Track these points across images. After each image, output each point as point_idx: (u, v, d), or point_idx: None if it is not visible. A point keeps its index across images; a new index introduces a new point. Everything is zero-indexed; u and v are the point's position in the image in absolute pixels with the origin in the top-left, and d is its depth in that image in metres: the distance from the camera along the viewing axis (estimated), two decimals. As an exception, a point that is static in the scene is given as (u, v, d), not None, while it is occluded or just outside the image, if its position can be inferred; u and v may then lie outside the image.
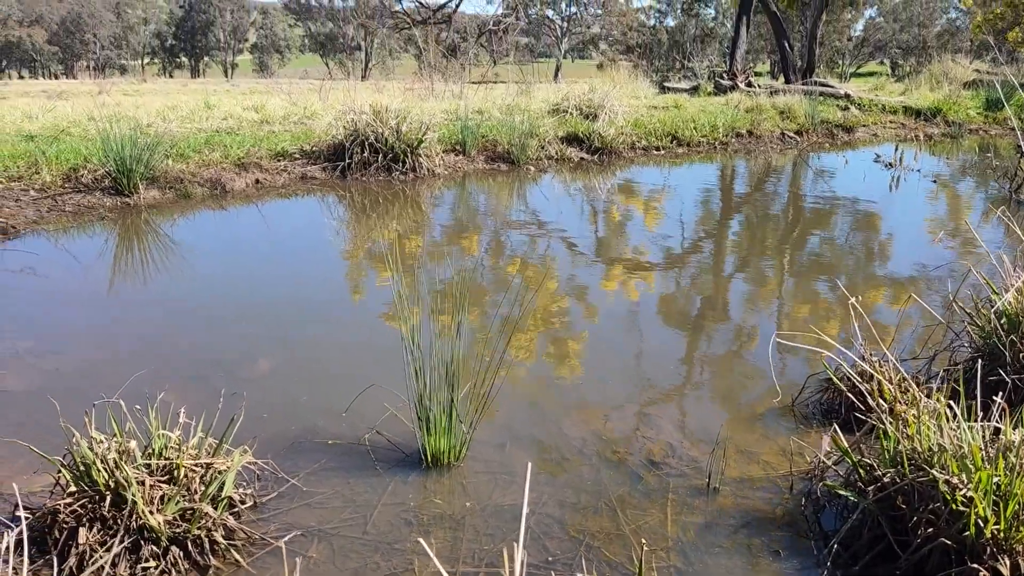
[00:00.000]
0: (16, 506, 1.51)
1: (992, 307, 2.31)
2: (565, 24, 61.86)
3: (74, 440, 1.64)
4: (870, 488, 1.68)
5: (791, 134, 8.59)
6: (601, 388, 2.52)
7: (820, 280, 3.79)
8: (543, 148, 6.89)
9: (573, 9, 60.40)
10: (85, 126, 5.75)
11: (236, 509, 1.76)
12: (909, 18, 61.89)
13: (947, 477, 1.52)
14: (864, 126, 9.27)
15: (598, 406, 2.38)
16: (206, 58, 67.37)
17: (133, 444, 1.67)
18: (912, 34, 61.35)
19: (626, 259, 4.19)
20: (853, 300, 2.30)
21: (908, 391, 1.97)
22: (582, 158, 7.02)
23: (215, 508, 1.67)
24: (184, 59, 67.25)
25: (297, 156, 5.83)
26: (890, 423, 1.74)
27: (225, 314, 3.18)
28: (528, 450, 2.11)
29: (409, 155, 5.95)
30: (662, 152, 7.56)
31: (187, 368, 2.59)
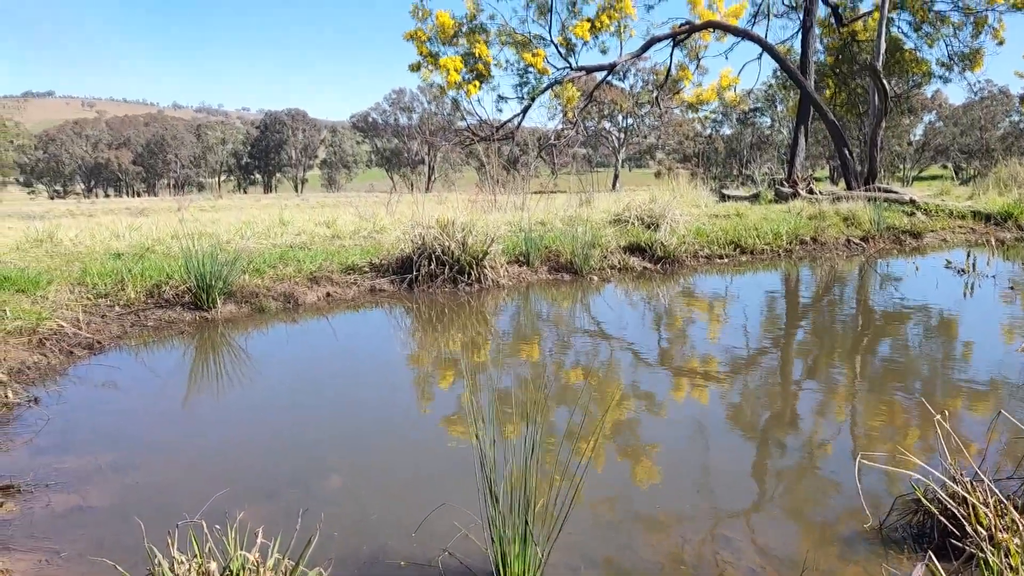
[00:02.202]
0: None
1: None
2: (622, 135, 63.41)
3: (156, 561, 1.66)
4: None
5: (857, 240, 8.52)
6: (675, 505, 2.45)
7: (896, 389, 3.67)
8: (605, 258, 6.96)
9: (630, 121, 61.99)
10: (168, 243, 6.05)
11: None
12: (970, 122, 61.66)
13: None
14: (932, 231, 9.13)
15: (673, 525, 2.31)
16: (278, 174, 70.73)
17: (213, 566, 1.68)
18: (974, 137, 60.97)
19: (693, 368, 4.14)
20: (939, 417, 2.22)
21: (1006, 515, 1.87)
22: (645, 267, 7.06)
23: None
24: (257, 175, 70.69)
25: (366, 269, 6.00)
26: (991, 552, 1.65)
27: (297, 427, 3.23)
28: (603, 575, 2.05)
29: (475, 267, 6.08)
30: (725, 260, 7.56)
31: (262, 484, 2.62)
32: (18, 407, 3.35)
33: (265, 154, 69.98)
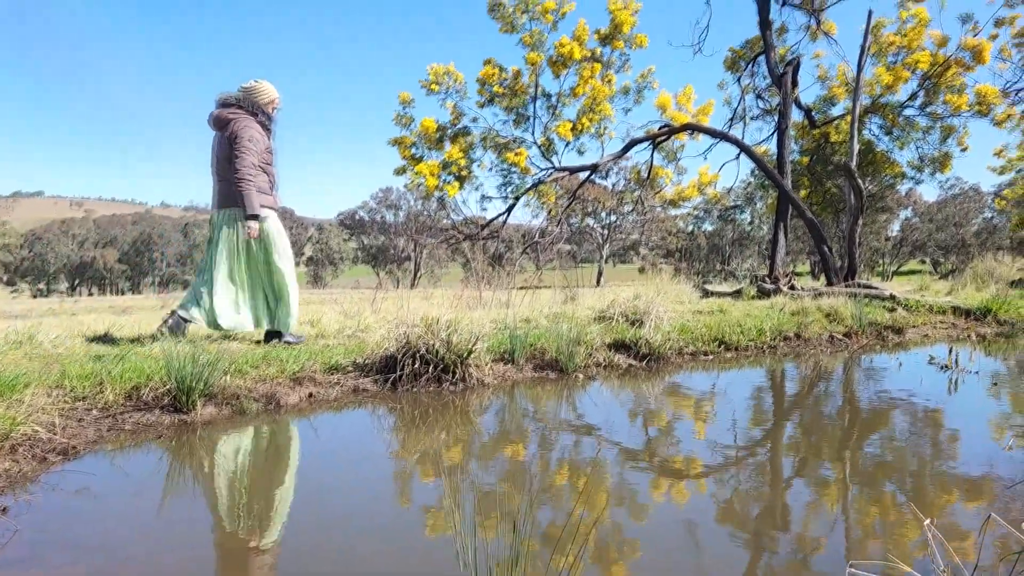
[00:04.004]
0: None
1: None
2: (606, 231, 64.53)
3: None
4: None
5: (840, 336, 8.57)
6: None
7: (886, 488, 3.62)
8: (591, 355, 6.95)
9: (613, 217, 63.23)
10: (150, 344, 5.99)
11: None
12: (945, 218, 63.33)
13: None
14: (914, 327, 9.22)
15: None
16: (265, 271, 71.04)
17: None
18: (949, 233, 62.54)
19: (681, 468, 4.07)
20: (928, 521, 2.18)
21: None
22: (630, 364, 7.05)
23: None
24: (244, 273, 70.97)
25: (350, 369, 5.96)
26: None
27: (276, 533, 3.13)
28: None
29: (459, 365, 6.05)
30: (710, 357, 7.57)
31: (234, 598, 2.51)
32: (-15, 517, 3.23)
33: (252, 252, 70.50)
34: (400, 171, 14.59)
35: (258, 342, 6.70)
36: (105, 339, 6.64)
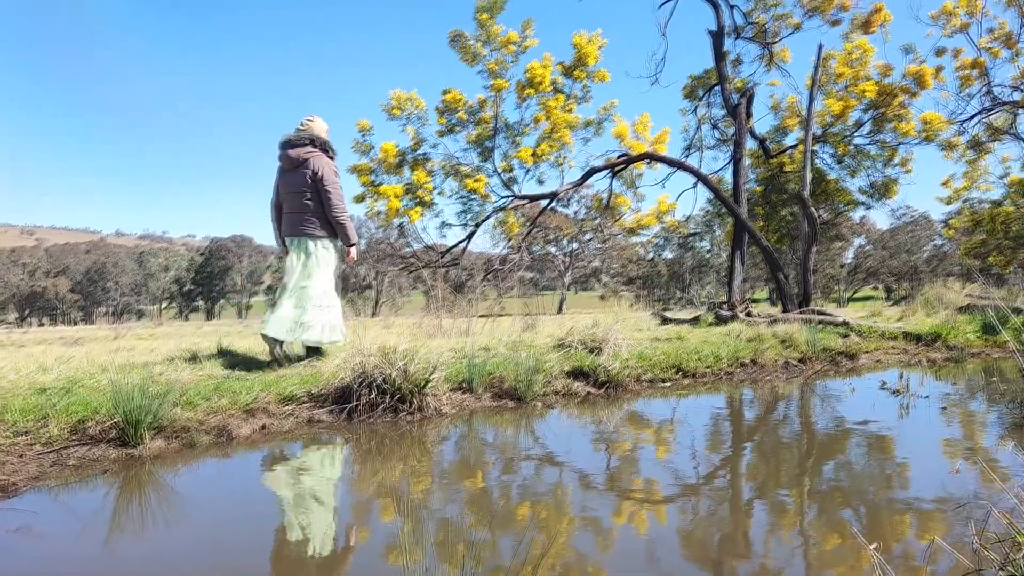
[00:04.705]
0: None
1: (1021, 552, 2.21)
2: (568, 259, 64.86)
3: None
4: None
5: (794, 362, 8.68)
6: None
7: (841, 512, 3.65)
8: (549, 383, 6.94)
9: (575, 245, 63.60)
10: (99, 377, 5.85)
11: None
12: (897, 245, 64.90)
13: None
14: (867, 352, 9.38)
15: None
16: (222, 300, 70.07)
17: None
18: (902, 260, 64.06)
19: (640, 495, 4.07)
20: (873, 547, 2.20)
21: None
22: (589, 392, 7.05)
23: None
24: (200, 302, 69.97)
25: (305, 400, 5.87)
26: None
27: (223, 572, 3.04)
28: None
29: (416, 395, 5.99)
30: (668, 384, 7.61)
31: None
32: (-85, 559, 3.10)
33: (209, 280, 69.43)
34: (359, 198, 14.52)
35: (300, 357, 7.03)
36: (52, 371, 6.46)
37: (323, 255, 6.82)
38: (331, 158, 6.79)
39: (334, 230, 6.81)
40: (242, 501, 4.13)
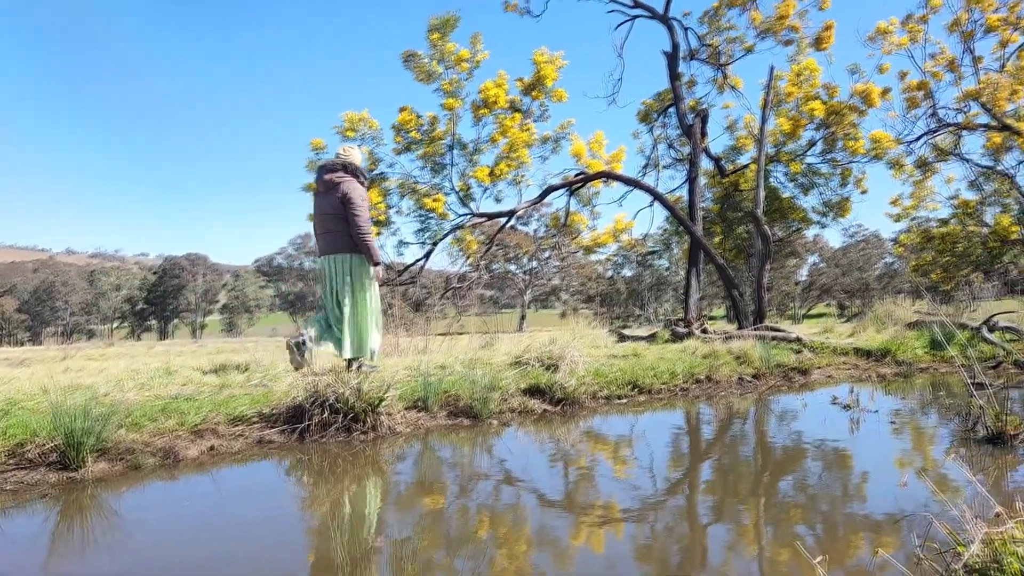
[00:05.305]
0: None
1: (960, 561, 2.23)
2: (528, 277, 64.99)
3: None
4: None
5: (749, 378, 8.78)
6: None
7: (794, 526, 3.67)
8: (505, 401, 6.91)
9: (534, 264, 63.80)
10: (40, 398, 5.67)
11: None
12: (849, 263, 66.31)
13: None
14: (819, 368, 9.52)
15: None
16: (176, 320, 68.79)
17: None
18: (854, 277, 65.45)
19: (597, 511, 4.05)
20: (817, 561, 2.21)
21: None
22: (545, 410, 7.03)
23: None
24: (153, 321, 68.60)
25: (255, 420, 5.76)
26: None
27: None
28: None
29: (370, 414, 5.92)
30: (624, 400, 7.63)
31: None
32: None
33: (162, 300, 68.14)
34: (313, 217, 14.37)
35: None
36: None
37: (355, 272, 7.14)
38: (361, 183, 7.19)
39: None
40: (187, 524, 4.03)
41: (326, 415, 5.78)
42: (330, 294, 7.15)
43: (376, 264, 7.16)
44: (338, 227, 7.07)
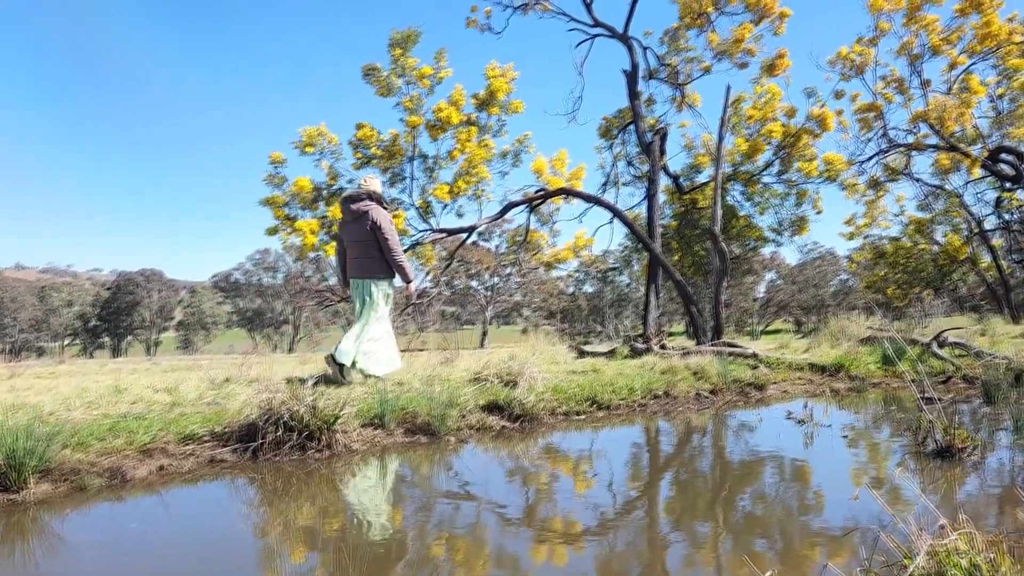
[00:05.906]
0: None
1: (906, 572, 2.26)
2: (489, 293, 64.93)
3: None
4: None
5: (706, 394, 8.84)
6: None
7: (748, 537, 3.69)
8: (464, 417, 6.86)
9: (496, 279, 63.79)
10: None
11: None
12: (805, 280, 67.47)
13: None
14: (775, 383, 9.63)
15: None
16: (129, 337, 67.36)
17: None
18: (810, 294, 66.57)
19: (556, 529, 4.03)
20: (767, 575, 2.22)
21: None
22: (503, 426, 7.00)
23: None
24: (106, 338, 67.07)
25: (207, 439, 5.63)
26: None
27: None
28: None
29: (325, 432, 5.83)
30: (583, 416, 7.63)
31: None
32: None
33: (116, 316, 66.71)
34: (272, 231, 14.25)
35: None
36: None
37: (381, 296, 7.72)
38: (385, 208, 7.71)
39: (391, 271, 7.70)
40: (133, 546, 3.91)
41: (280, 433, 5.68)
42: (362, 315, 7.71)
43: (409, 281, 7.85)
44: (369, 253, 7.58)
